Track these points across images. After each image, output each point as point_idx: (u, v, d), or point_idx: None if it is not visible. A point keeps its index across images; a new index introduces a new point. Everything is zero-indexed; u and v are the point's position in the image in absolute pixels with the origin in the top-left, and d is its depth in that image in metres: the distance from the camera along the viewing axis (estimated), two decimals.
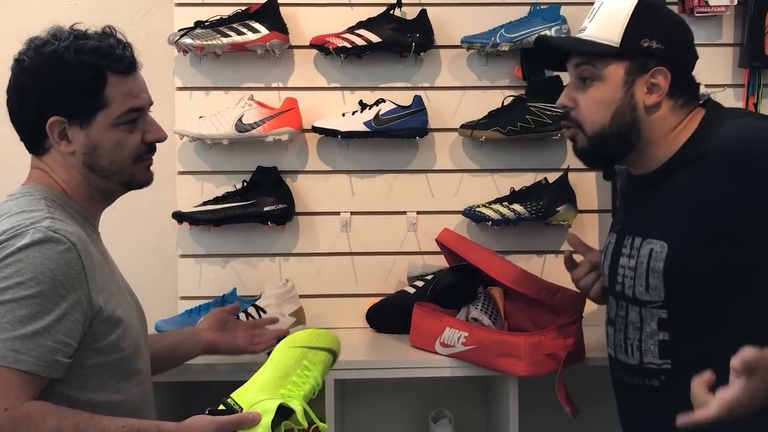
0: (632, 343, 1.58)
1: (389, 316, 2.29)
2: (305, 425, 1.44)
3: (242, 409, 1.42)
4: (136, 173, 1.55)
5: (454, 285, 2.16)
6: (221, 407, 1.42)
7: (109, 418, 1.36)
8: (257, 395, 1.44)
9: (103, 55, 1.47)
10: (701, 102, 1.59)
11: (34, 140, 1.50)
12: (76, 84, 1.45)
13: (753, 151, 1.42)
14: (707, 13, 2.35)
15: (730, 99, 2.39)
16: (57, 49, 1.45)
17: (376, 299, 2.35)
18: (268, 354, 1.56)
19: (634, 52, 1.52)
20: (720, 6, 2.34)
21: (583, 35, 1.59)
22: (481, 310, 2.07)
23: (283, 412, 1.43)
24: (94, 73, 1.46)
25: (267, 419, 1.40)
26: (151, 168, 1.59)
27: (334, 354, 1.58)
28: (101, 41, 1.49)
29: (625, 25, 1.52)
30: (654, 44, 1.51)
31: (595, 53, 1.55)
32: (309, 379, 1.49)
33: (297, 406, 1.43)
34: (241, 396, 1.44)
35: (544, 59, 1.80)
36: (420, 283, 2.29)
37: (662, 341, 1.53)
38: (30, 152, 1.54)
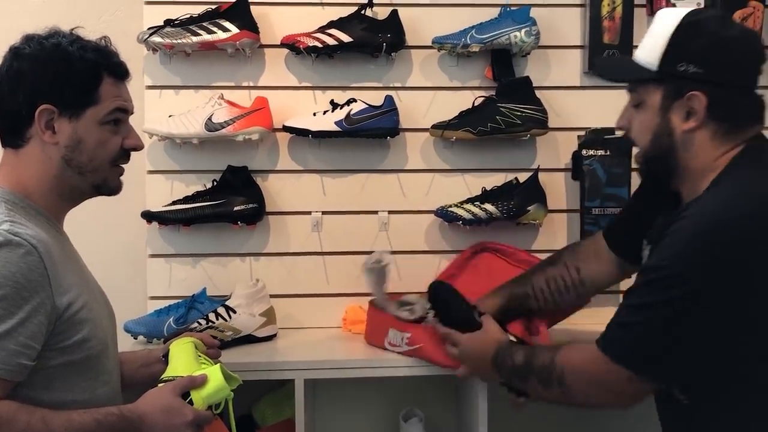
0: None
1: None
2: (239, 380, 1.64)
3: None
4: (109, 177, 1.57)
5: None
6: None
7: (70, 410, 1.39)
8: (185, 372, 1.57)
9: (104, 56, 1.54)
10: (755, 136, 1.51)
11: (16, 129, 1.50)
12: (74, 77, 1.49)
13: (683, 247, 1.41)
14: None
15: None
16: (60, 43, 1.51)
17: (348, 299, 2.36)
18: (164, 357, 1.69)
19: (671, 77, 1.48)
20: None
21: (635, 56, 1.57)
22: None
23: None
24: (93, 70, 1.51)
25: (218, 375, 1.55)
26: (121, 178, 1.61)
27: None
28: (102, 45, 1.56)
29: (664, 47, 1.48)
30: (691, 68, 1.45)
31: (630, 80, 1.56)
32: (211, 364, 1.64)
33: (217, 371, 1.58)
34: (173, 375, 1.58)
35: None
36: None
37: None
38: (4, 145, 1.54)
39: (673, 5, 2.36)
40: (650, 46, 1.52)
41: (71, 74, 1.49)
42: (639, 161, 1.62)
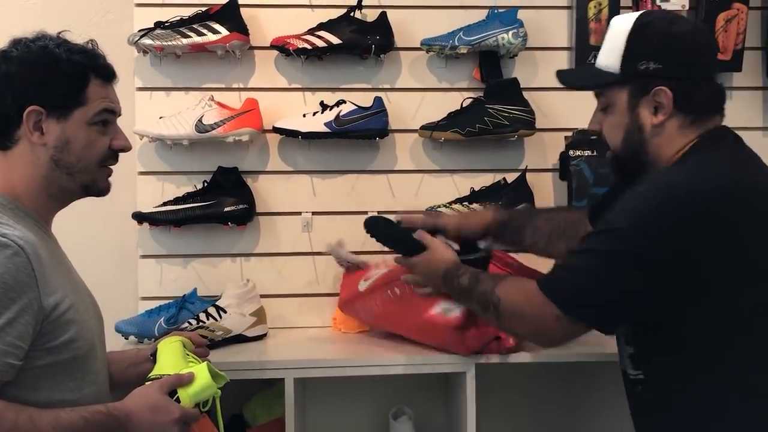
0: (618, 353, 1.66)
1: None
2: (227, 378, 1.63)
3: None
4: (98, 177, 1.58)
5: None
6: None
7: (57, 409, 1.40)
8: (172, 371, 1.57)
9: (90, 58, 1.56)
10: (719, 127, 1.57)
11: (5, 131, 1.51)
12: (61, 78, 1.51)
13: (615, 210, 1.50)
14: None
15: None
16: (47, 45, 1.52)
17: (338, 299, 2.37)
18: (152, 355, 1.69)
19: (634, 77, 1.55)
20: (672, 11, 2.40)
21: (597, 62, 1.63)
22: None
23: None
24: (80, 71, 1.53)
25: (205, 373, 1.55)
26: (110, 179, 1.62)
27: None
28: (88, 48, 1.58)
29: (623, 50, 1.55)
30: (651, 65, 1.52)
31: (596, 86, 1.62)
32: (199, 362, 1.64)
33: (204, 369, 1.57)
34: (160, 373, 1.58)
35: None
36: None
37: (631, 354, 1.60)
38: None
39: (659, 7, 2.39)
40: (609, 51, 1.59)
41: (58, 75, 1.50)
42: (610, 161, 1.68)
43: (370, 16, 2.38)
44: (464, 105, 2.38)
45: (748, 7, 2.45)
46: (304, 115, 2.35)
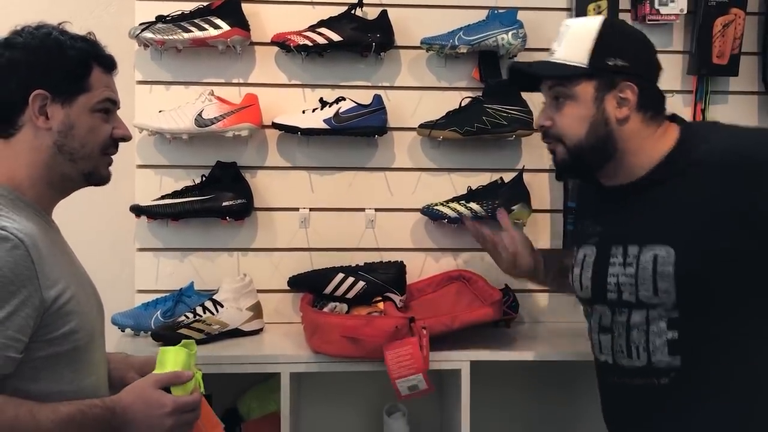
0: (638, 345, 1.60)
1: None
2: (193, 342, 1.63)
3: None
4: (100, 165, 1.58)
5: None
6: None
7: (56, 402, 1.41)
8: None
9: (92, 46, 1.58)
10: (669, 116, 1.68)
11: (8, 117, 1.51)
12: (66, 63, 1.52)
13: (747, 153, 1.53)
14: (659, 21, 2.42)
15: (678, 105, 2.47)
16: (51, 32, 1.54)
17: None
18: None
19: (602, 71, 1.61)
20: (671, 15, 2.42)
21: (553, 58, 1.67)
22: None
23: None
24: (84, 58, 1.54)
25: (166, 348, 1.57)
26: (110, 168, 1.62)
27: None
28: (90, 37, 1.59)
29: (592, 46, 1.60)
30: (619, 62, 1.60)
31: (565, 76, 1.64)
32: None
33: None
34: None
35: (517, 83, 1.91)
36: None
37: (671, 340, 1.56)
38: None
39: (657, 11, 2.40)
40: (573, 46, 1.64)
41: (63, 61, 1.51)
42: (565, 153, 1.67)
43: (371, 14, 2.39)
44: (463, 104, 2.39)
45: (745, 12, 2.46)
46: (303, 112, 2.36)
